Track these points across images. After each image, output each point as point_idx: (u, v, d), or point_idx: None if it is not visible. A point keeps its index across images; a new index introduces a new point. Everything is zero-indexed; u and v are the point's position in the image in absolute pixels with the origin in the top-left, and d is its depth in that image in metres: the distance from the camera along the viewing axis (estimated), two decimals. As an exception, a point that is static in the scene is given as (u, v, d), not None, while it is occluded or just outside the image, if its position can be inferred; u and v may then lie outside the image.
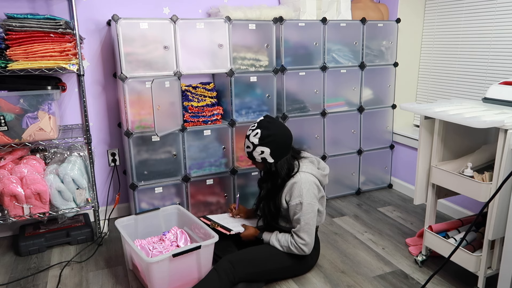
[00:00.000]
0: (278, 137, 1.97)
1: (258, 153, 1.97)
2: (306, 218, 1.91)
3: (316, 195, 1.96)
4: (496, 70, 2.49)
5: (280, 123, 2.06)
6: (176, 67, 2.38)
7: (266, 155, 1.96)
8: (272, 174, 2.00)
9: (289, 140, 2.03)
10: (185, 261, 1.86)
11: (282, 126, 2.04)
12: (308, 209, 1.91)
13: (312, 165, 2.05)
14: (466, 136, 2.03)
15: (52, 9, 2.38)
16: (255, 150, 1.97)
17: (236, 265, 1.87)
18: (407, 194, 3.13)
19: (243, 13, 2.53)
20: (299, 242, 1.92)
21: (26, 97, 2.11)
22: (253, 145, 1.97)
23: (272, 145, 1.95)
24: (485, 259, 1.79)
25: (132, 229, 2.17)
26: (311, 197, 1.93)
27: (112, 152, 2.71)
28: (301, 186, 1.92)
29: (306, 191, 1.92)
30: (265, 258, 1.95)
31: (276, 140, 1.96)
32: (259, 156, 1.98)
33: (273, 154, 1.96)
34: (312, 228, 1.94)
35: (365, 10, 2.94)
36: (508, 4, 2.38)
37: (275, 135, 1.96)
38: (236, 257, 1.91)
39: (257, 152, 1.97)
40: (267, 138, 1.95)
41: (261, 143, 1.95)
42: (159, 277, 1.81)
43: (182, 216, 2.27)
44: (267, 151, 1.95)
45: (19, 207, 2.16)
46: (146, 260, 1.76)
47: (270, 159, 1.97)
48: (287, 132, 2.03)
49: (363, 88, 2.95)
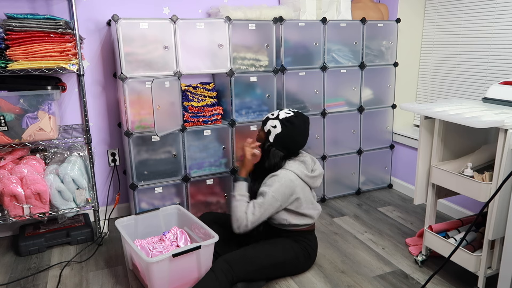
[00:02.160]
0: (295, 133, 2.04)
1: (272, 125, 2.03)
2: (263, 203, 1.93)
3: (285, 194, 1.96)
4: (496, 70, 2.49)
5: (307, 128, 2.10)
6: (176, 67, 2.38)
7: (274, 131, 2.02)
8: (263, 154, 2.05)
9: (297, 144, 2.08)
10: (185, 261, 1.86)
11: (305, 130, 2.08)
12: (269, 200, 1.93)
13: (300, 165, 2.05)
14: (466, 136, 2.03)
15: (52, 9, 2.38)
16: (274, 119, 2.04)
17: (233, 264, 1.87)
18: (407, 194, 3.13)
19: (243, 13, 2.54)
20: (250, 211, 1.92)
21: (26, 97, 2.11)
22: (277, 117, 2.04)
23: (285, 131, 2.01)
24: (485, 259, 1.79)
25: (132, 229, 2.17)
26: (279, 193, 1.94)
27: (112, 152, 2.71)
28: (276, 179, 1.96)
29: (279, 185, 1.94)
30: (262, 255, 1.95)
31: (291, 131, 2.02)
32: (269, 126, 2.04)
33: (278, 136, 2.01)
34: (264, 214, 1.94)
35: (365, 10, 2.94)
36: (508, 4, 2.38)
37: (294, 130, 2.03)
38: (232, 256, 1.91)
39: (272, 123, 2.04)
40: (289, 122, 2.02)
41: (283, 121, 2.02)
42: (159, 277, 1.81)
43: (182, 216, 2.27)
44: (278, 129, 2.01)
45: (19, 207, 2.16)
46: (146, 260, 1.76)
47: (272, 137, 2.03)
48: (302, 138, 2.08)
49: (363, 88, 2.95)
